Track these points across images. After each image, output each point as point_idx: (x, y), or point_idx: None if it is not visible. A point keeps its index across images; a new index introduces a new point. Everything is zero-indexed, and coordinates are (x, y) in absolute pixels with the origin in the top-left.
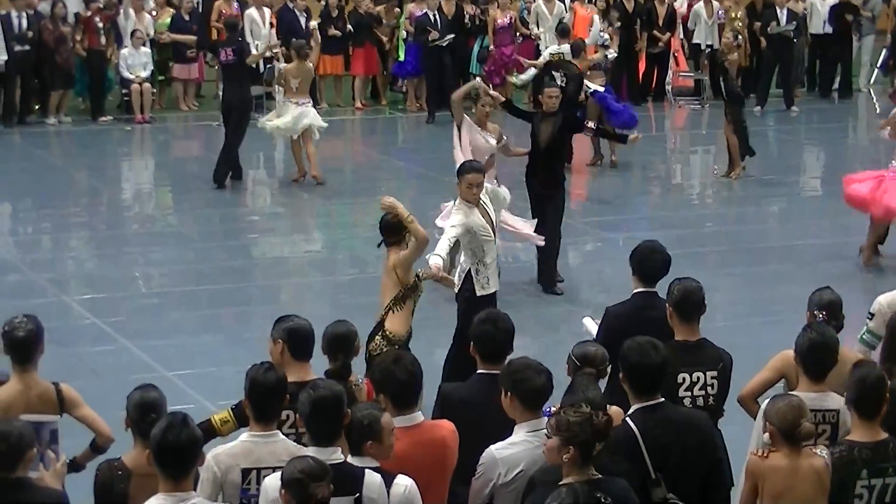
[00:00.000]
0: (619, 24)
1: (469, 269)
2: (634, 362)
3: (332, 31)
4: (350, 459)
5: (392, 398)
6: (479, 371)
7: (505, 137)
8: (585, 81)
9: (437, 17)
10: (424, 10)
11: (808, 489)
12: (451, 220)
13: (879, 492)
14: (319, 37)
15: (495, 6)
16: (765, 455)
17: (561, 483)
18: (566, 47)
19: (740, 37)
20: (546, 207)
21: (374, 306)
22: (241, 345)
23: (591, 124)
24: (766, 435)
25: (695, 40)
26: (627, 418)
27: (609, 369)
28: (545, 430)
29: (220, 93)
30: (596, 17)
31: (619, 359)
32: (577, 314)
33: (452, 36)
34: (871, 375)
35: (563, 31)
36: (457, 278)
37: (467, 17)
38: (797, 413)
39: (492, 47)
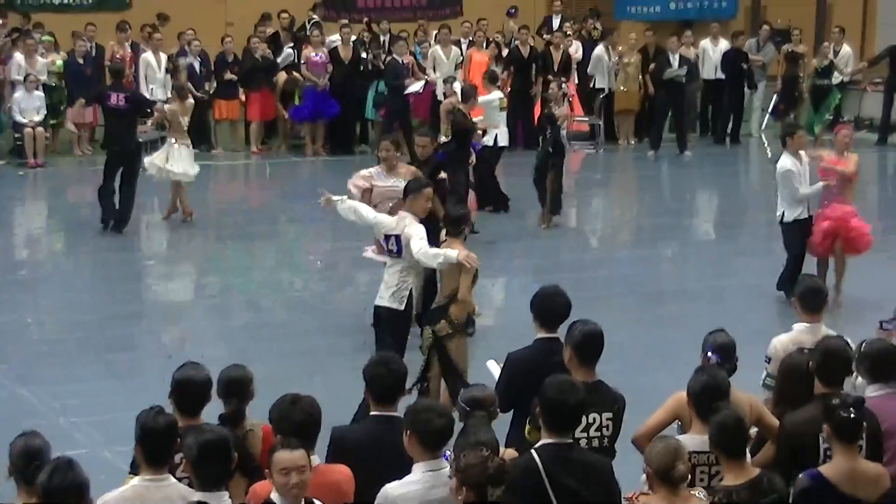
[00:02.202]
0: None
1: (411, 287)
2: (553, 400)
3: (228, 76)
4: (273, 496)
5: (286, 438)
6: (372, 412)
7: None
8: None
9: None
10: (319, 54)
11: None
12: (416, 231)
13: None
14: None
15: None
16: (637, 497)
17: None
18: (495, 94)
19: (565, 86)
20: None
21: (270, 352)
22: (134, 390)
23: (442, 175)
24: (644, 477)
25: (598, 85)
26: (533, 451)
27: (498, 412)
28: (446, 471)
29: (105, 137)
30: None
31: (538, 394)
32: (480, 357)
33: (422, 82)
34: (730, 417)
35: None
36: (394, 296)
37: (365, 60)
38: (673, 456)
39: (387, 92)
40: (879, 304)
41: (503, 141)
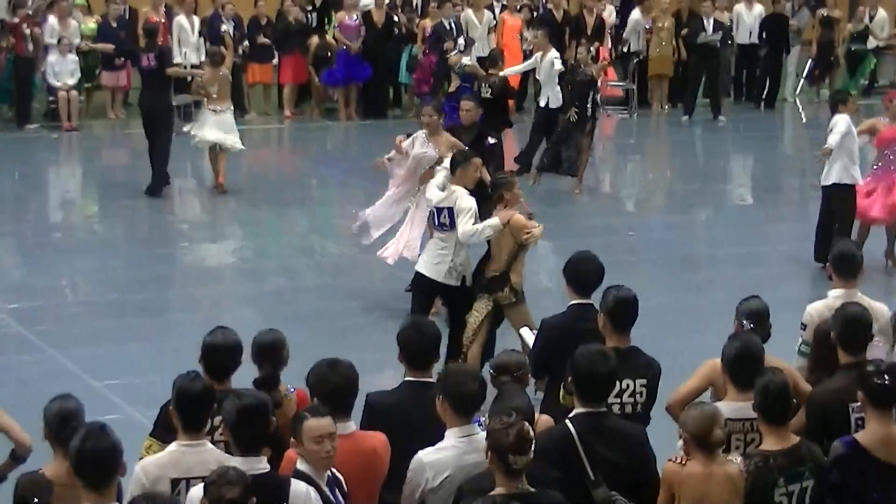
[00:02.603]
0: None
1: (464, 262)
2: (584, 370)
3: (261, 40)
4: (298, 464)
5: (324, 402)
6: (406, 378)
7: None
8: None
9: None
10: (352, 18)
11: (722, 495)
12: (466, 205)
13: (798, 496)
14: (231, 41)
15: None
16: (682, 462)
17: (490, 494)
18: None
19: (593, 49)
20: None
21: (303, 315)
22: (168, 354)
23: (492, 140)
24: (681, 442)
25: (633, 49)
26: (567, 420)
27: (529, 377)
28: (479, 437)
29: (140, 98)
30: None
31: (569, 365)
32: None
33: (462, 44)
34: (775, 382)
35: (493, 59)
36: (451, 272)
37: (396, 25)
38: (710, 421)
39: (420, 56)
40: None
41: (555, 103)
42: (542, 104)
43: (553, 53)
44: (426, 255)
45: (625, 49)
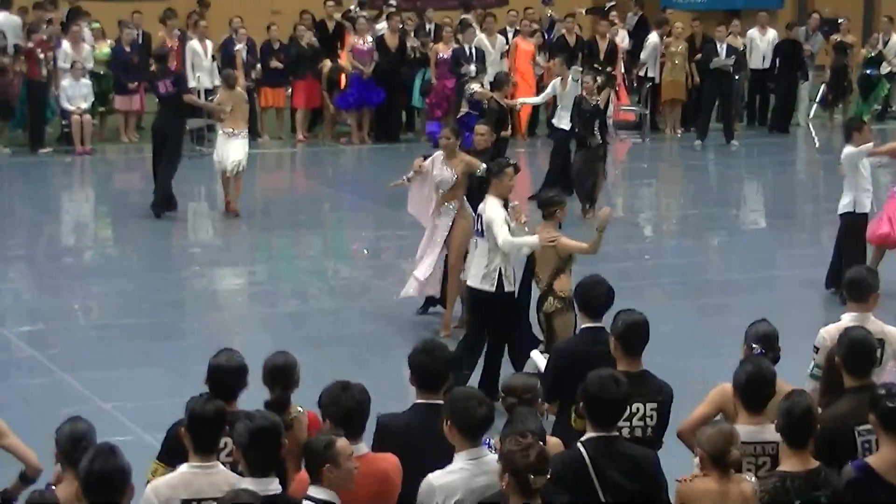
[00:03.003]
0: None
1: (499, 268)
2: (595, 395)
3: (274, 64)
4: (311, 491)
5: (337, 426)
6: (416, 401)
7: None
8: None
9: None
10: (365, 42)
11: None
12: (495, 215)
13: None
14: (242, 61)
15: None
16: (691, 480)
17: None
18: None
19: (600, 77)
20: None
21: (315, 338)
22: (179, 377)
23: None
24: (697, 459)
25: (650, 74)
26: (579, 444)
27: (539, 400)
28: (488, 458)
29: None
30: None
31: (581, 390)
32: (528, 348)
33: (479, 69)
34: (799, 405)
35: (498, 82)
36: (486, 278)
37: (409, 49)
38: (727, 440)
39: (434, 80)
40: None
41: (565, 125)
42: (563, 126)
43: (550, 88)
44: (468, 264)
45: (641, 73)
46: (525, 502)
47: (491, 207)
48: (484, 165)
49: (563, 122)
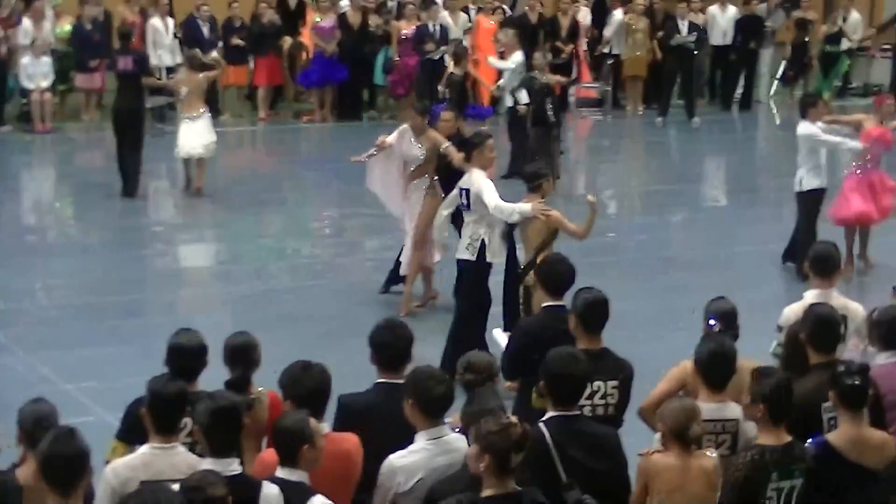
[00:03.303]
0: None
1: (482, 238)
2: (556, 372)
3: (236, 41)
4: (280, 473)
5: (298, 405)
6: (378, 381)
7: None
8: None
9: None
10: (327, 20)
11: (698, 488)
12: (486, 186)
13: (787, 494)
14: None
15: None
16: (651, 454)
17: (486, 496)
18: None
19: (549, 55)
20: None
21: (278, 318)
22: (142, 357)
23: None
24: (658, 434)
25: (615, 51)
26: (541, 423)
27: (494, 377)
28: (449, 438)
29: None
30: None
31: (542, 367)
32: (490, 326)
33: (445, 48)
34: (783, 381)
35: (456, 56)
36: (468, 248)
37: (371, 27)
38: (689, 416)
39: (396, 58)
40: (893, 269)
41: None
42: (511, 104)
43: (517, 56)
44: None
45: (605, 51)
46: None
47: (478, 177)
48: (448, 143)
49: (509, 99)
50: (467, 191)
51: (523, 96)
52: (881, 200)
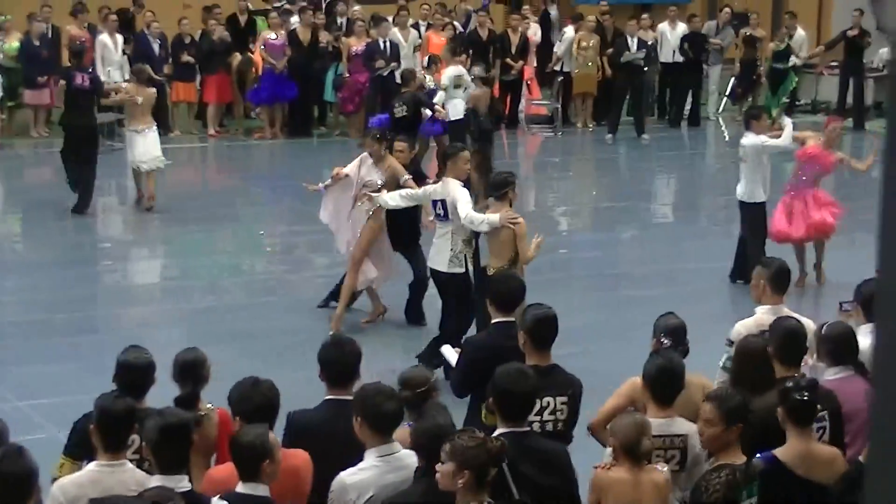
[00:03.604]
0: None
1: (464, 250)
2: (505, 388)
3: (186, 58)
4: (241, 488)
5: (247, 421)
6: (327, 397)
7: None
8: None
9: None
10: (277, 36)
11: (649, 502)
12: (460, 195)
13: None
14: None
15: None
16: (608, 468)
17: None
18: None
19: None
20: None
21: (230, 334)
22: (93, 374)
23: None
24: (609, 449)
25: (566, 68)
26: None
27: (432, 393)
28: (399, 455)
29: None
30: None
31: (491, 384)
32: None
33: (395, 65)
34: (745, 402)
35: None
36: (453, 260)
37: (321, 43)
38: (639, 430)
39: (346, 74)
40: (842, 285)
41: (454, 115)
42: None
43: (450, 70)
44: (433, 249)
45: (557, 68)
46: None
47: (454, 187)
48: (408, 175)
49: (453, 112)
50: (443, 201)
51: (453, 111)
52: (812, 217)
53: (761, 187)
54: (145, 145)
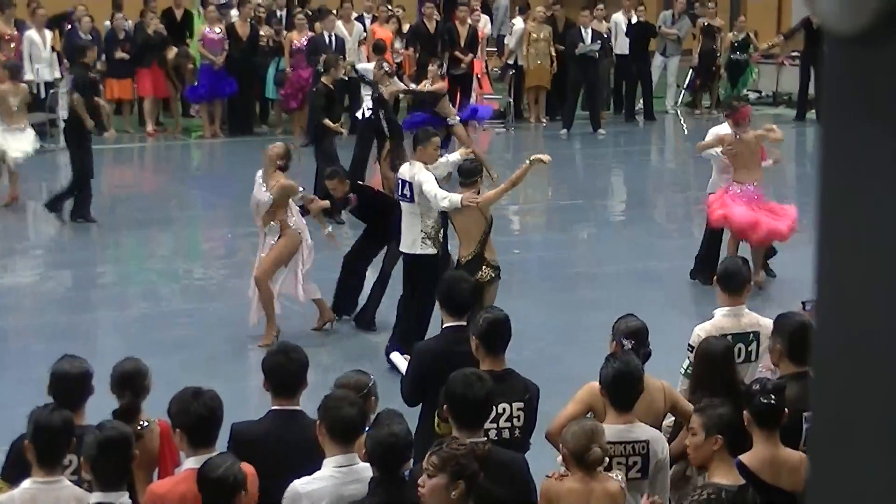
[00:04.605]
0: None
1: (434, 229)
2: (459, 395)
3: (120, 54)
4: None
5: (189, 434)
6: (272, 407)
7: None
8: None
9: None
10: (215, 31)
11: None
12: (426, 177)
13: None
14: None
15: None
16: (559, 477)
17: None
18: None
19: (386, 64)
20: (376, 245)
21: (169, 343)
22: (28, 386)
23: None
24: (560, 458)
25: (520, 61)
26: None
27: (375, 399)
28: (359, 467)
29: None
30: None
31: (444, 391)
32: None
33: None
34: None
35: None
36: (425, 241)
37: (262, 38)
38: (589, 438)
39: (288, 70)
40: (804, 284)
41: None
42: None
43: (364, 65)
44: (403, 233)
45: (510, 62)
46: None
47: (419, 168)
48: (302, 190)
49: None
50: (410, 183)
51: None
52: (774, 224)
53: (718, 181)
54: (13, 139)
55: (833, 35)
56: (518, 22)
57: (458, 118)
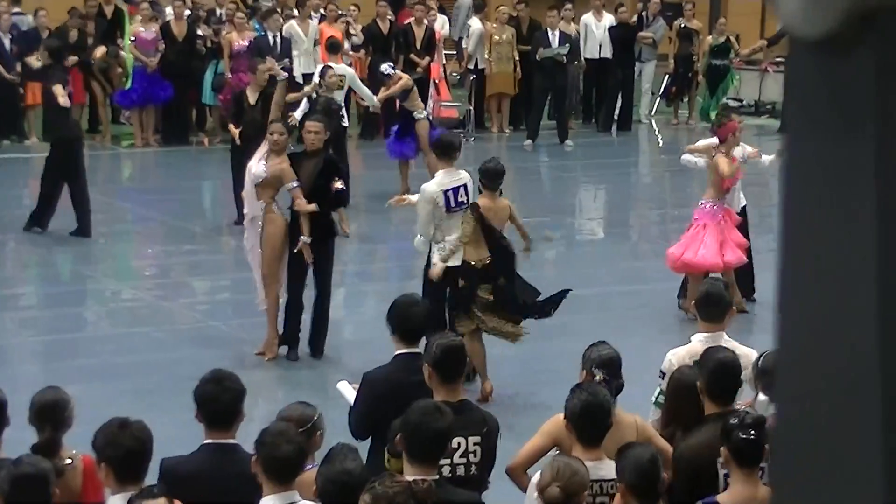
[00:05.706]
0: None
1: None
2: (416, 427)
3: (33, 60)
4: None
5: (115, 468)
6: (205, 441)
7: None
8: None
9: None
10: (149, 30)
11: None
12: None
13: None
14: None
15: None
16: None
17: None
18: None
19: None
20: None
21: (94, 370)
22: None
23: (339, 184)
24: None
25: (480, 65)
26: None
27: (320, 434)
28: None
29: None
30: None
31: (401, 421)
32: (334, 378)
33: (287, 61)
34: (646, 456)
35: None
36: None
37: (200, 39)
38: (550, 476)
39: (228, 74)
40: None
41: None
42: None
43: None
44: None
45: (470, 66)
46: None
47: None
48: (295, 183)
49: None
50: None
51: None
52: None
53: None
54: None
55: (797, 39)
56: (475, 22)
57: (423, 113)
